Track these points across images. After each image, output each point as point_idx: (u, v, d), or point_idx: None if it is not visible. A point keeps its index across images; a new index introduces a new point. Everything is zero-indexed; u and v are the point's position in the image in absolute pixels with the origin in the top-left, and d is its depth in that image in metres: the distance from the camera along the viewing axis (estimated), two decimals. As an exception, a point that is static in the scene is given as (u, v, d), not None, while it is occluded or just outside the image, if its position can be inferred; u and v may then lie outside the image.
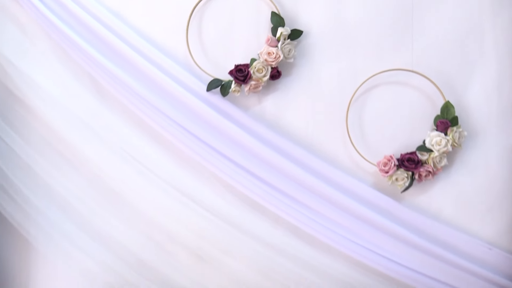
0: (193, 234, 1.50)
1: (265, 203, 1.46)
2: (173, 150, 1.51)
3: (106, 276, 1.53)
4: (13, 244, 1.62)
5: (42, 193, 1.54)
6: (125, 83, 1.48)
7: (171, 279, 1.52)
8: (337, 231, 1.44)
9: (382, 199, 1.44)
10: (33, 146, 1.56)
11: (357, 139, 1.44)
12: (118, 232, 1.53)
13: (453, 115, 1.35)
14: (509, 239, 1.41)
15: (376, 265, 1.43)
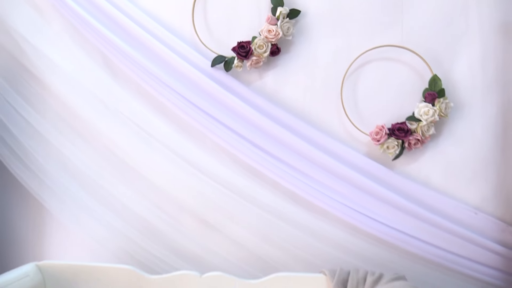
0: (199, 201, 1.58)
1: (265, 170, 1.55)
2: (180, 122, 1.60)
3: (118, 241, 1.61)
4: (28, 210, 1.72)
5: (56, 163, 1.64)
6: (135, 60, 1.57)
7: (178, 243, 1.60)
8: (332, 197, 1.52)
9: (375, 167, 1.52)
10: (47, 119, 1.65)
11: (351, 111, 1.53)
12: (128, 200, 1.61)
13: (440, 87, 1.45)
14: (493, 204, 1.50)
15: (369, 229, 1.51)
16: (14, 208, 1.72)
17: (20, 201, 1.71)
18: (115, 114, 1.60)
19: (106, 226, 1.62)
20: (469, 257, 1.49)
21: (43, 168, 1.63)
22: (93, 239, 1.63)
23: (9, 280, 1.33)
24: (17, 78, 1.67)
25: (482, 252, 1.48)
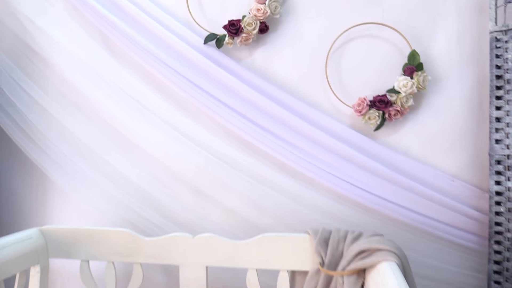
0: (194, 172, 1.67)
1: (255, 142, 1.63)
2: (175, 97, 1.69)
3: (116, 208, 1.70)
4: (31, 179, 1.82)
5: (57, 135, 1.74)
6: (133, 38, 1.66)
7: (175, 212, 1.69)
8: (319, 166, 1.61)
9: (358, 137, 1.61)
10: (49, 94, 1.75)
11: (335, 85, 1.62)
12: (126, 169, 1.70)
13: (418, 61, 1.54)
14: (470, 172, 1.57)
15: (353, 196, 1.59)
16: (18, 178, 1.82)
17: (24, 171, 1.81)
18: (114, 89, 1.69)
19: (104, 194, 1.71)
20: (447, 222, 1.56)
21: (45, 140, 1.72)
22: (92, 206, 1.71)
23: (13, 240, 1.42)
24: (21, 56, 1.77)
25: (459, 217, 1.55)
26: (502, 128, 1.44)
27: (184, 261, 1.46)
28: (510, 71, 1.42)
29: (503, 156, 1.44)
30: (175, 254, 1.47)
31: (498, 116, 1.45)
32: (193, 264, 1.45)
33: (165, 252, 1.47)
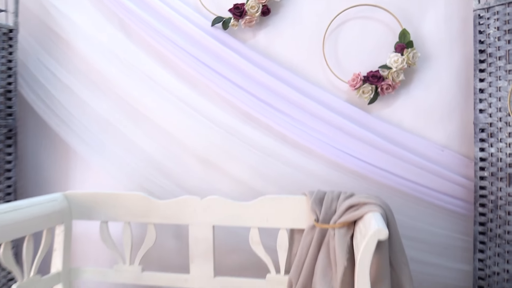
0: (202, 143, 1.82)
1: (259, 115, 1.77)
2: (185, 75, 1.84)
3: (130, 175, 1.87)
4: (56, 150, 2.00)
5: (79, 110, 1.91)
6: (147, 22, 1.82)
7: (186, 181, 1.84)
8: (317, 137, 1.74)
9: (353, 111, 1.74)
10: (71, 73, 1.93)
11: (332, 63, 1.75)
12: (140, 141, 1.86)
13: (408, 39, 1.66)
14: (458, 142, 1.69)
15: (349, 164, 1.72)
16: (43, 149, 2.00)
17: (49, 143, 1.99)
18: (129, 68, 1.85)
19: (121, 162, 1.88)
20: (437, 189, 1.68)
21: (68, 114, 1.90)
22: (109, 174, 1.88)
23: (40, 201, 1.58)
24: (46, 39, 1.95)
25: (448, 184, 1.67)
26: (485, 99, 1.56)
27: (193, 221, 1.60)
28: (492, 45, 1.54)
29: (486, 124, 1.56)
30: (185, 215, 1.61)
31: (481, 88, 1.57)
32: (201, 223, 1.60)
33: (176, 213, 1.62)
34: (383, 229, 1.11)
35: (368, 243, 1.11)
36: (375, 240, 1.11)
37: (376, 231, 1.11)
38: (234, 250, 1.79)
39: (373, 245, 1.11)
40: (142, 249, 1.66)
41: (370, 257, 1.11)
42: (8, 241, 1.41)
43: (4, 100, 1.79)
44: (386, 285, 1.28)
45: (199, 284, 1.61)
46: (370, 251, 1.11)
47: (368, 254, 1.11)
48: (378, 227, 1.12)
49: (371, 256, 1.10)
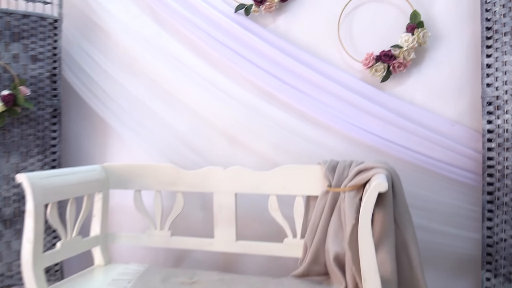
0: (227, 121, 1.97)
1: (280, 94, 1.91)
2: (211, 58, 2.00)
3: (163, 151, 2.03)
4: (95, 127, 2.20)
5: (116, 91, 2.10)
6: (176, 10, 1.99)
7: (212, 155, 1.99)
8: (334, 114, 1.85)
9: (368, 89, 1.84)
10: (109, 58, 2.13)
11: (347, 45, 1.86)
12: (170, 119, 2.03)
13: (419, 20, 1.76)
14: (468, 117, 1.77)
15: (364, 139, 1.83)
16: (84, 126, 2.21)
17: (89, 121, 2.19)
18: (161, 53, 2.03)
19: (152, 138, 2.05)
20: (447, 162, 1.76)
21: (105, 95, 2.10)
22: (142, 148, 2.07)
23: (81, 170, 1.77)
24: (86, 29, 2.17)
25: (458, 157, 1.76)
26: (492, 73, 1.64)
27: (217, 189, 1.75)
28: (498, 22, 1.62)
29: (493, 98, 1.64)
30: (209, 183, 1.76)
31: (488, 63, 1.65)
32: (224, 191, 1.74)
33: (201, 182, 1.77)
34: (383, 183, 1.22)
35: (370, 194, 1.23)
36: (376, 192, 1.22)
37: (377, 184, 1.23)
38: (256, 220, 1.92)
39: (374, 197, 1.22)
40: (171, 215, 1.82)
41: (371, 207, 1.22)
42: (55, 202, 1.59)
43: (50, 83, 2.00)
44: (391, 241, 1.40)
45: (222, 247, 1.76)
46: (371, 202, 1.22)
47: (370, 204, 1.22)
48: (379, 181, 1.23)
49: (372, 206, 1.22)
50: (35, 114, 1.96)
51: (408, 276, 1.41)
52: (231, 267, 1.99)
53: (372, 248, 1.21)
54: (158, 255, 2.11)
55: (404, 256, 1.42)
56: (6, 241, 1.89)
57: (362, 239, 1.21)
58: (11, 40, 1.89)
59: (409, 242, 1.42)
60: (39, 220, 1.49)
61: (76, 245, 1.72)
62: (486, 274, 1.67)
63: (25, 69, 1.93)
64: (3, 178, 1.89)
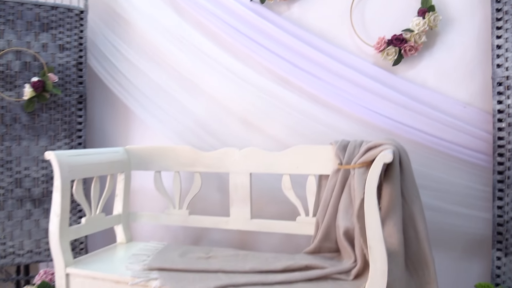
0: (243, 106, 2.04)
1: (294, 79, 1.96)
2: (228, 46, 2.07)
3: (183, 135, 2.12)
4: (118, 113, 2.31)
5: (138, 79, 2.20)
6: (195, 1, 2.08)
7: (228, 139, 2.06)
8: (346, 97, 1.90)
9: (380, 72, 1.88)
10: (132, 47, 2.23)
11: (359, 30, 1.90)
12: (189, 104, 2.12)
13: (430, 4, 1.79)
14: (479, 99, 1.78)
15: (376, 121, 1.86)
16: (108, 112, 2.33)
17: (113, 107, 2.31)
18: (181, 42, 2.12)
19: (172, 123, 2.14)
20: (460, 143, 1.78)
21: (128, 83, 2.20)
22: (163, 132, 2.16)
23: (105, 151, 1.87)
24: (109, 19, 2.29)
25: (470, 139, 1.78)
26: (502, 54, 1.67)
27: (233, 169, 1.82)
28: (508, 3, 1.64)
29: (503, 78, 1.66)
30: (225, 164, 1.84)
31: (498, 44, 1.68)
32: (239, 171, 1.81)
33: (218, 162, 1.85)
34: (388, 154, 1.27)
35: (375, 165, 1.27)
36: (381, 162, 1.27)
37: (382, 155, 1.28)
38: (270, 201, 1.98)
39: (379, 166, 1.27)
40: (189, 194, 1.90)
41: (377, 176, 1.26)
42: (80, 179, 1.69)
43: (76, 71, 2.11)
44: (398, 215, 1.44)
45: (238, 225, 1.83)
46: (377, 172, 1.27)
47: (375, 173, 1.26)
48: (384, 153, 1.28)
49: (377, 176, 1.26)
50: (62, 100, 2.07)
51: (415, 249, 1.45)
52: (247, 247, 2.06)
53: (377, 216, 1.25)
54: (177, 236, 2.20)
55: (411, 229, 1.46)
56: (35, 219, 2.01)
57: (367, 207, 1.25)
58: (40, 30, 2.01)
59: (416, 216, 1.45)
60: (65, 195, 1.59)
61: (100, 222, 1.82)
62: (496, 253, 1.69)
63: (53, 57, 2.05)
64: (33, 160, 2.01)
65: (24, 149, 2.00)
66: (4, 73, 1.96)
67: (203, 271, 1.55)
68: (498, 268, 1.68)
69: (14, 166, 1.98)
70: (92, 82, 2.29)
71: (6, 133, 1.97)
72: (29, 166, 2.01)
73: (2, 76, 1.96)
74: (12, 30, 1.96)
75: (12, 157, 1.98)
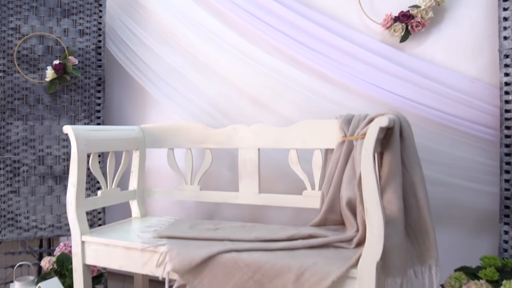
0: (254, 86, 2.09)
1: (303, 58, 2.00)
2: (239, 28, 2.14)
3: (195, 114, 2.19)
4: (135, 93, 2.42)
5: (153, 61, 2.29)
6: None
7: (239, 117, 2.12)
8: (355, 75, 1.92)
9: (388, 50, 1.89)
10: (148, 32, 2.33)
11: (367, 9, 1.93)
12: (203, 86, 2.19)
13: (438, -20, 1.80)
14: (488, 74, 1.78)
15: (384, 98, 1.88)
16: (125, 94, 2.43)
17: (130, 89, 2.41)
18: (194, 25, 2.20)
19: (186, 103, 2.22)
20: (468, 118, 1.78)
21: (145, 66, 2.29)
22: (176, 112, 2.24)
23: (121, 128, 1.96)
24: (126, 5, 2.40)
25: (478, 114, 1.77)
26: (509, 26, 1.66)
27: (241, 145, 1.88)
28: (514, -25, 1.64)
29: (510, 50, 1.65)
30: (234, 140, 1.89)
31: (505, 16, 1.67)
32: (248, 147, 1.86)
33: (227, 139, 1.91)
34: (384, 118, 1.29)
35: (371, 129, 1.30)
36: (377, 127, 1.29)
37: (378, 119, 1.30)
38: (279, 178, 2.03)
39: (375, 131, 1.29)
40: (200, 170, 1.96)
41: (373, 141, 1.28)
42: (96, 153, 1.78)
43: (95, 54, 2.21)
44: (398, 182, 1.45)
45: (246, 200, 1.88)
46: (373, 136, 1.29)
47: (371, 138, 1.28)
48: (380, 117, 1.30)
49: (374, 139, 1.28)
50: (82, 82, 2.18)
51: (416, 217, 1.46)
52: (256, 222, 2.10)
53: (374, 180, 1.26)
54: (190, 213, 2.27)
55: (412, 197, 1.47)
56: (56, 195, 2.12)
57: (364, 171, 1.27)
58: (62, 16, 2.12)
59: (416, 184, 1.46)
60: (81, 166, 1.68)
61: (115, 196, 1.91)
62: (504, 227, 1.67)
63: (74, 42, 2.15)
64: (55, 138, 2.12)
65: (46, 128, 2.11)
66: (28, 57, 2.07)
67: (209, 239, 1.60)
68: (505, 242, 1.67)
69: (37, 144, 2.09)
70: (110, 66, 2.40)
71: (30, 113, 2.08)
72: (51, 145, 2.11)
73: (26, 59, 2.07)
74: (36, 16, 2.08)
75: (35, 136, 2.09)
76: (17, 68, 2.05)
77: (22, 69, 2.06)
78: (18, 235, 2.06)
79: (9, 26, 2.04)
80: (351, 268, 1.29)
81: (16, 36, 2.05)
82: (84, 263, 1.68)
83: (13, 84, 2.05)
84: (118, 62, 2.38)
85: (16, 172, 2.06)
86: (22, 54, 2.06)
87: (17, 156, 2.06)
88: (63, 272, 1.92)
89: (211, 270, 1.45)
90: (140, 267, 1.58)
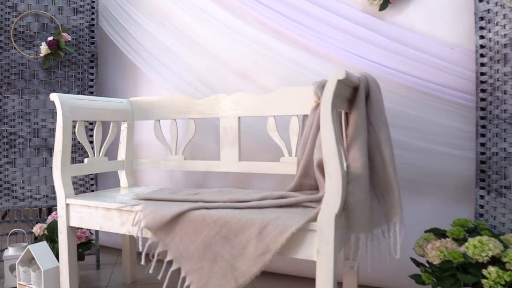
0: (240, 59, 2.13)
1: (286, 30, 2.04)
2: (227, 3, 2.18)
3: (183, 88, 2.25)
4: (127, 70, 2.49)
5: (147, 40, 2.36)
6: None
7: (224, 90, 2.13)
8: (336, 45, 1.94)
9: (368, 18, 1.91)
10: (141, 11, 2.41)
11: (349, -21, 1.96)
12: (192, 61, 2.24)
13: None
14: (466, 40, 1.77)
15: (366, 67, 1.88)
16: (117, 70, 2.50)
17: (122, 65, 2.50)
18: (184, 2, 2.26)
19: (176, 79, 2.28)
20: (447, 85, 1.78)
21: (136, 43, 2.37)
22: (167, 88, 2.30)
23: (109, 99, 2.03)
24: None
25: (457, 79, 1.77)
26: (483, -12, 1.65)
27: (222, 114, 1.92)
28: None
29: (484, 12, 1.65)
30: (216, 110, 1.93)
31: (479, -22, 1.66)
32: (229, 116, 1.90)
33: (209, 109, 1.95)
34: (341, 71, 1.31)
35: (329, 82, 1.31)
36: (335, 80, 1.30)
37: (336, 73, 1.32)
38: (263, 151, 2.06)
39: (333, 84, 1.30)
40: (185, 140, 2.02)
41: (331, 94, 1.29)
42: (82, 121, 1.85)
43: (88, 32, 2.30)
44: (362, 139, 1.46)
45: (227, 168, 1.92)
46: (331, 88, 1.30)
47: (330, 91, 1.30)
48: (338, 70, 1.32)
49: (332, 92, 1.29)
50: (75, 59, 2.26)
51: (382, 175, 1.47)
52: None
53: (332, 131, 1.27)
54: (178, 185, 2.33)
55: (378, 156, 1.48)
56: (50, 166, 2.20)
57: (322, 122, 1.28)
58: (56, -5, 2.22)
59: (382, 143, 1.47)
60: (67, 132, 1.75)
61: (102, 164, 1.98)
62: (480, 191, 1.66)
63: (68, 19, 2.24)
64: (49, 112, 2.21)
65: (41, 102, 2.20)
66: (24, 33, 2.17)
67: (185, 201, 1.65)
68: (481, 207, 1.66)
69: (32, 117, 2.19)
70: (103, 43, 2.48)
71: (26, 88, 2.18)
72: (46, 118, 2.20)
73: (23, 36, 2.17)
74: (32, -5, 2.18)
75: (31, 109, 2.18)
76: (14, 44, 2.14)
77: (18, 46, 2.16)
78: (14, 204, 2.15)
79: (6, 5, 2.14)
80: (312, 221, 1.31)
81: (13, 14, 2.15)
82: (69, 225, 1.75)
83: (9, 59, 2.15)
84: (110, 40, 2.46)
85: (12, 144, 2.15)
86: (19, 31, 2.16)
87: (13, 129, 2.15)
88: (53, 237, 2.00)
89: (182, 228, 1.49)
90: (118, 226, 1.64)
